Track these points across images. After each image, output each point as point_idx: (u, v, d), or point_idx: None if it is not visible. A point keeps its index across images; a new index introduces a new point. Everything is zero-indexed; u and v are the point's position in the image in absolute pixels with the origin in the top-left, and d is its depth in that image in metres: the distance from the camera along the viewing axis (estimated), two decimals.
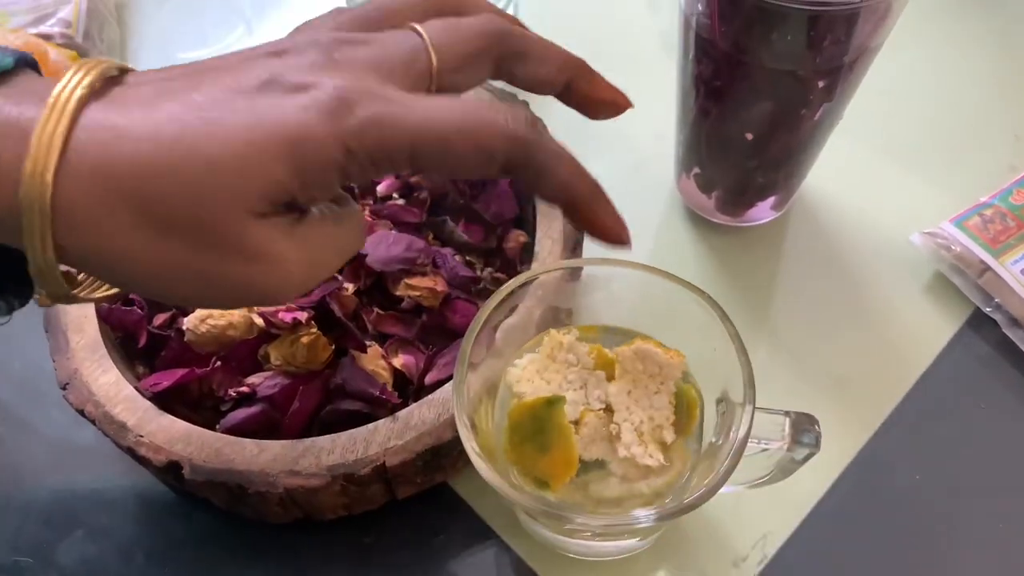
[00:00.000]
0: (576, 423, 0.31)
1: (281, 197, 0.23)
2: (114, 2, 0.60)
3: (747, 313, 0.45)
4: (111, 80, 0.24)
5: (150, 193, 0.22)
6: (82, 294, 0.26)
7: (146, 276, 0.23)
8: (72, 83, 0.22)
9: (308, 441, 0.35)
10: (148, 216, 0.22)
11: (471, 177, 0.25)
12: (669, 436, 0.31)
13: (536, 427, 0.31)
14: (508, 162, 0.25)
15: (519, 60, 0.27)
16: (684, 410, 0.32)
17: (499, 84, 0.29)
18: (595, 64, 0.30)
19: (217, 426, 0.37)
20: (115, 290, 0.28)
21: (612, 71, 0.30)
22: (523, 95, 0.32)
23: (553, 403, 0.31)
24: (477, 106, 0.24)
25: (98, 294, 0.27)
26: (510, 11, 0.52)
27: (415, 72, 0.25)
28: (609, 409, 0.32)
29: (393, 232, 0.41)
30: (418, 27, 0.26)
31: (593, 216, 0.27)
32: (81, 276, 0.27)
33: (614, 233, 0.27)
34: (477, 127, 0.24)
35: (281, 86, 0.23)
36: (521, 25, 0.29)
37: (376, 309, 0.40)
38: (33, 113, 0.22)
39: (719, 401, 0.32)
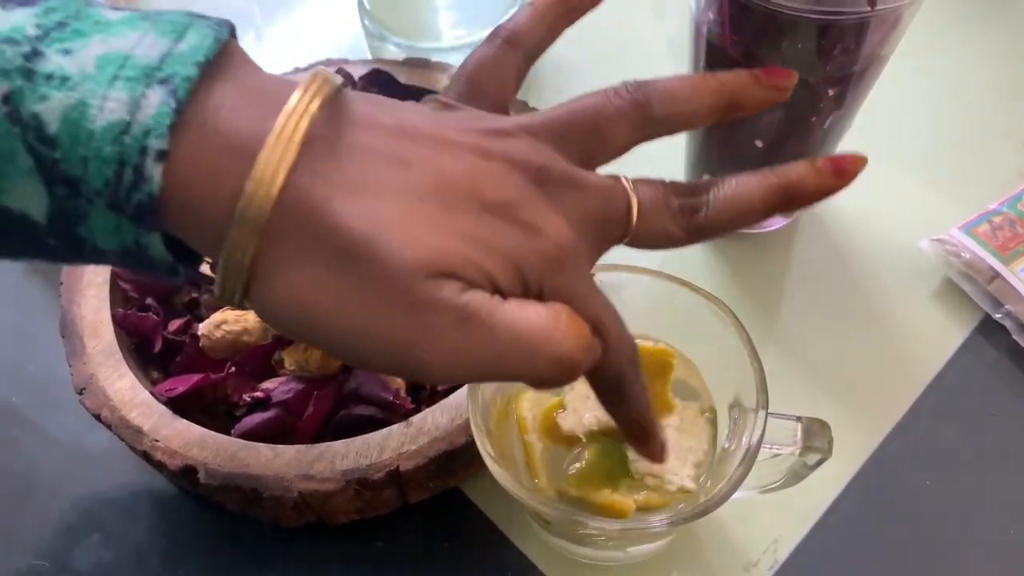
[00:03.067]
0: None
1: (473, 278, 0.23)
2: (125, 7, 0.60)
3: (757, 319, 0.45)
4: (333, 109, 0.23)
5: (346, 252, 0.22)
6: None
7: (320, 324, 0.23)
8: (301, 106, 0.22)
9: (322, 446, 0.35)
10: (338, 269, 0.22)
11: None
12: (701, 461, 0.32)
13: (612, 468, 0.32)
14: (607, 382, 0.26)
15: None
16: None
17: None
18: (603, 71, 0.30)
19: (232, 431, 0.37)
20: None
21: (620, 78, 0.30)
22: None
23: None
24: (628, 334, 0.26)
25: None
26: None
27: (611, 237, 0.26)
28: None
29: None
30: (629, 187, 0.26)
31: (639, 446, 0.29)
32: None
33: (639, 450, 0.29)
34: (616, 348, 0.25)
35: (515, 219, 0.24)
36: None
37: None
38: (255, 125, 0.22)
39: (731, 407, 0.32)
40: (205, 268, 0.41)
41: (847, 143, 0.42)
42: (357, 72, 0.48)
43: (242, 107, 0.22)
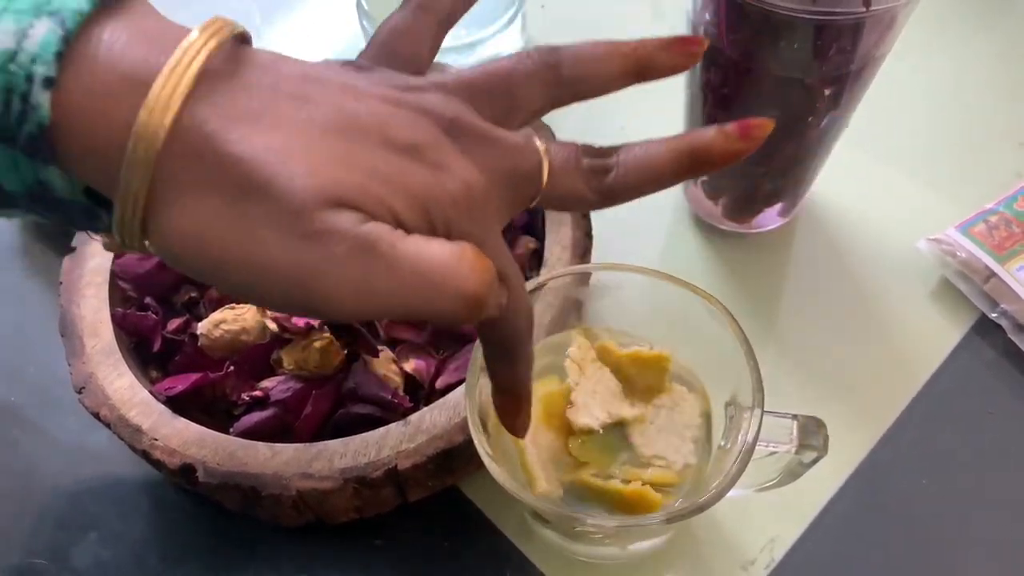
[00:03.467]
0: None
1: (373, 211, 0.22)
2: None
3: (754, 319, 0.45)
4: (235, 52, 0.23)
5: (243, 181, 0.21)
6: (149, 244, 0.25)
7: (207, 250, 0.22)
8: (200, 43, 0.22)
9: (321, 444, 0.35)
10: (235, 199, 0.21)
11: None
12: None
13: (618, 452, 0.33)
14: (501, 343, 0.27)
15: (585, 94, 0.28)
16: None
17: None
18: None
19: (230, 430, 0.37)
20: None
21: None
22: None
23: None
24: (527, 297, 0.26)
25: None
26: (516, 22, 0.53)
27: (522, 195, 0.26)
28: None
29: None
30: (541, 147, 0.26)
31: (498, 402, 0.30)
32: None
33: (505, 422, 0.30)
34: (518, 308, 0.26)
35: (423, 160, 0.23)
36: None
37: None
38: (152, 58, 0.21)
39: (728, 405, 0.33)
40: None
41: (844, 143, 0.43)
42: None
43: (138, 43, 0.22)
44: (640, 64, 0.28)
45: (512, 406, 0.30)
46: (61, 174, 0.22)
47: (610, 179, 0.27)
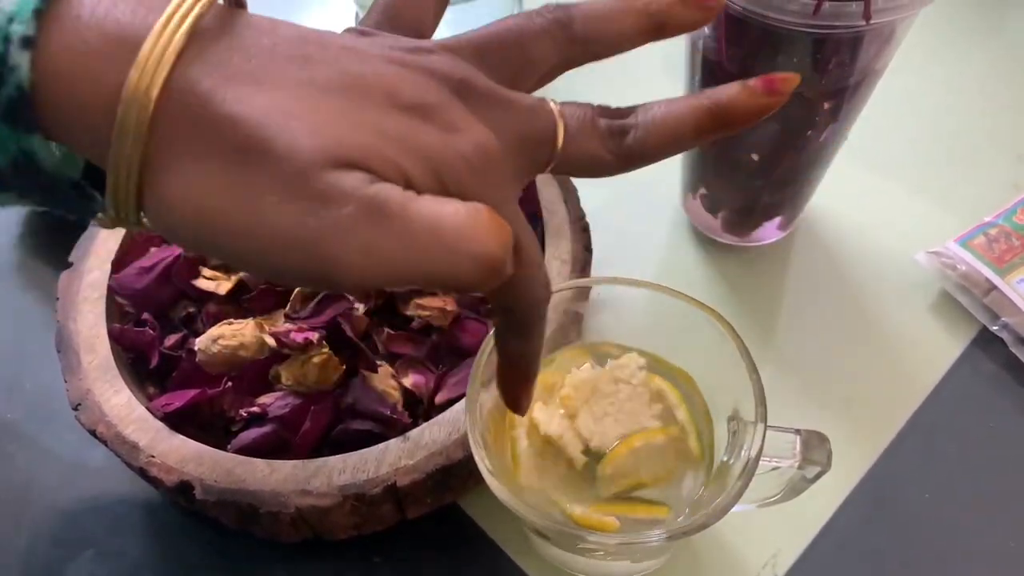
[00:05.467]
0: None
1: (382, 172, 0.21)
2: None
3: (753, 332, 0.45)
4: (226, 11, 0.22)
5: (242, 143, 0.20)
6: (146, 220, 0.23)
7: (210, 217, 0.21)
8: (187, 5, 0.20)
9: (319, 461, 0.35)
10: (234, 163, 0.20)
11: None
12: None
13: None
14: (518, 313, 0.26)
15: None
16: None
17: None
18: (597, 85, 0.30)
19: (228, 446, 0.37)
20: None
21: (614, 91, 0.30)
22: None
23: None
24: (544, 267, 0.25)
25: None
26: None
27: (537, 159, 0.25)
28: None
29: None
30: (556, 108, 0.25)
31: (505, 376, 0.29)
32: None
33: (507, 397, 0.30)
34: (535, 277, 0.25)
35: (434, 120, 0.22)
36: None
37: (387, 329, 0.40)
38: (139, 16, 0.20)
39: (730, 419, 0.32)
40: (202, 283, 0.41)
41: (843, 156, 0.43)
42: None
43: (125, 2, 0.20)
44: (655, 20, 0.26)
45: (518, 380, 0.29)
46: (45, 144, 0.21)
47: (629, 140, 0.25)
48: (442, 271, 0.21)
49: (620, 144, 0.25)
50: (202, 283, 0.41)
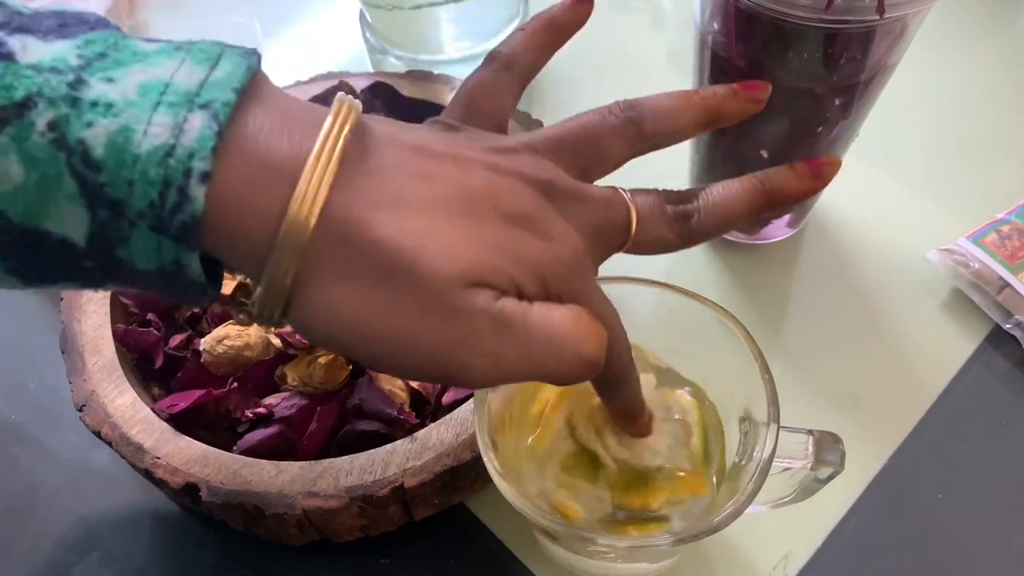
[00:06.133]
0: None
1: (503, 286, 0.24)
2: (128, 26, 0.61)
3: (762, 331, 0.45)
4: (363, 132, 0.24)
5: (385, 266, 0.23)
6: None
7: (355, 332, 0.23)
8: (336, 128, 0.23)
9: (326, 462, 0.35)
10: (377, 283, 0.23)
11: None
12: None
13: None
14: (612, 376, 0.28)
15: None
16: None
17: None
18: (604, 84, 0.30)
19: (234, 447, 0.37)
20: None
21: (621, 89, 0.30)
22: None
23: None
24: (625, 332, 0.28)
25: None
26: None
27: (613, 245, 0.28)
28: None
29: None
30: (628, 198, 0.28)
31: (619, 420, 0.31)
32: None
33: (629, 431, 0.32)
34: (621, 346, 0.27)
35: (534, 229, 0.25)
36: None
37: None
38: (294, 148, 0.22)
39: (741, 420, 0.32)
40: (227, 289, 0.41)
41: (853, 154, 0.42)
42: (359, 85, 0.48)
43: (279, 130, 0.23)
44: (712, 114, 0.30)
45: (632, 420, 0.31)
46: (196, 256, 0.22)
47: (693, 223, 0.28)
48: (552, 370, 0.24)
49: (684, 227, 0.29)
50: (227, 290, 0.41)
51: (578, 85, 0.55)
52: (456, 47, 0.53)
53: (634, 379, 0.29)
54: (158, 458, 0.35)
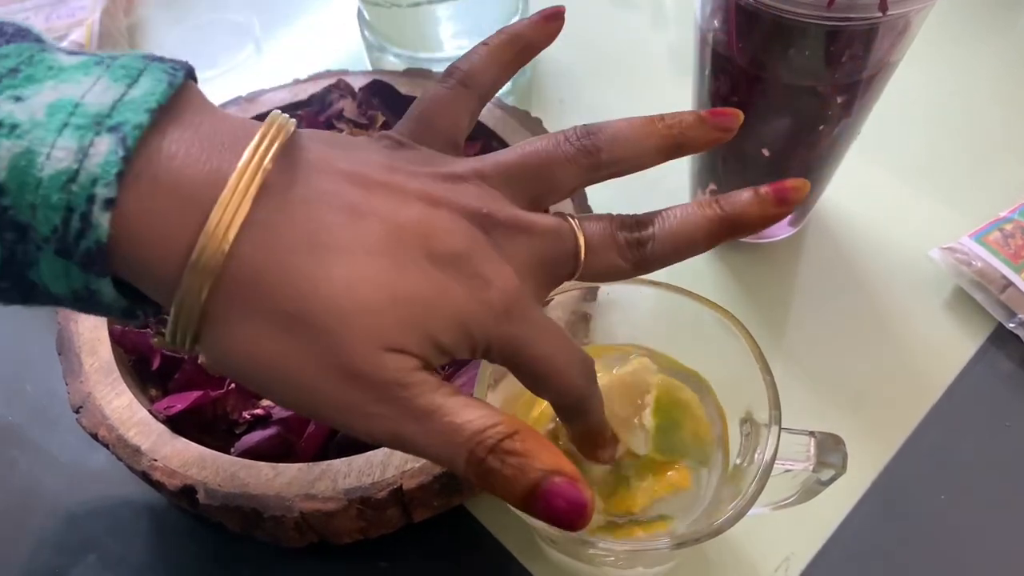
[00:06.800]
0: None
1: (431, 357, 0.24)
2: (126, 24, 0.60)
3: (764, 330, 0.44)
4: (287, 156, 0.23)
5: (301, 328, 0.22)
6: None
7: (268, 379, 0.23)
8: (256, 160, 0.22)
9: (324, 464, 0.34)
10: (285, 329, 0.22)
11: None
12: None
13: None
14: (567, 406, 0.27)
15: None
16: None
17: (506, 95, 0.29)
18: (603, 81, 0.29)
19: (232, 449, 0.36)
20: None
21: (621, 88, 0.30)
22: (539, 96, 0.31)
23: None
24: (580, 354, 0.26)
25: None
26: None
27: (560, 275, 0.27)
28: None
29: None
30: (576, 226, 0.27)
31: (581, 445, 0.30)
32: None
33: (591, 457, 0.31)
34: (572, 375, 0.26)
35: (462, 271, 0.24)
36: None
37: None
38: (208, 176, 0.22)
39: (743, 421, 0.32)
40: None
41: (854, 152, 0.42)
42: (357, 83, 0.48)
43: (195, 156, 0.22)
44: (675, 141, 0.28)
45: (594, 446, 0.30)
46: (109, 282, 0.22)
47: (647, 251, 0.27)
48: (446, 464, 0.24)
49: (637, 254, 0.27)
50: None
51: (578, 82, 0.55)
52: (455, 45, 0.53)
53: (596, 405, 0.28)
54: (155, 460, 0.35)
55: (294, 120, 0.24)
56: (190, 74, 0.24)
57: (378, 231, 0.23)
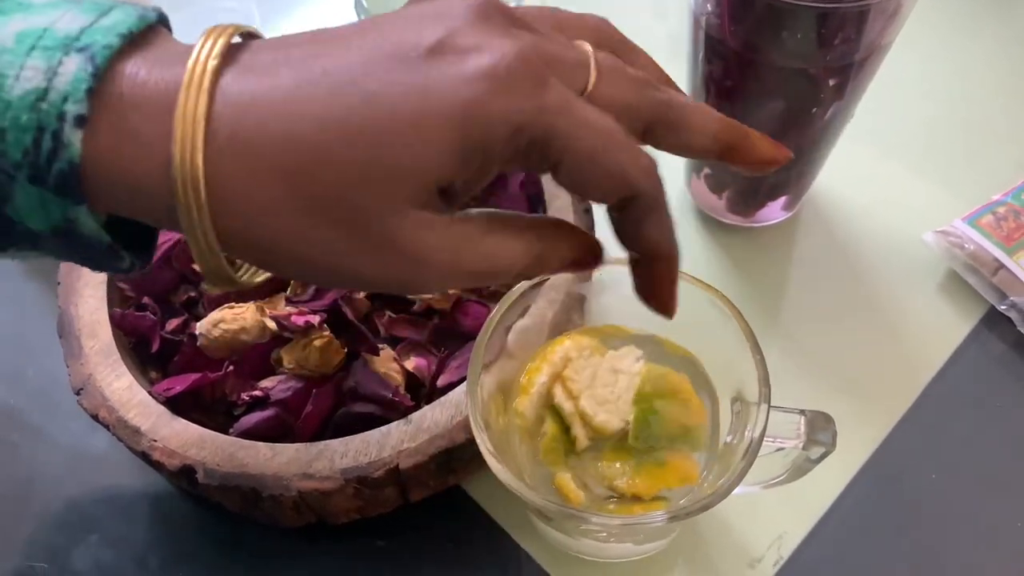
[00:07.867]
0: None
1: (444, 182, 0.22)
2: None
3: (759, 313, 0.45)
4: (240, 46, 0.23)
5: (303, 171, 0.21)
6: (244, 277, 0.25)
7: (293, 259, 0.22)
8: (204, 53, 0.21)
9: (321, 444, 0.35)
10: (299, 195, 0.21)
11: (588, 197, 0.24)
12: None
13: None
14: (631, 202, 0.24)
15: (672, 130, 0.25)
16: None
17: None
18: None
19: (230, 430, 0.37)
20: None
21: None
22: None
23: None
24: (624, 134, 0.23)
25: (259, 278, 0.26)
26: None
27: (573, 82, 0.23)
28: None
29: None
30: (589, 46, 0.24)
31: (650, 279, 0.27)
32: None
33: (659, 302, 0.27)
34: (622, 154, 0.23)
35: (451, 49, 0.21)
36: (675, 87, 0.27)
37: (388, 312, 0.40)
38: (171, 86, 0.21)
39: (734, 400, 0.32)
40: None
41: (848, 136, 0.42)
42: None
43: (158, 71, 0.21)
44: (732, 142, 0.26)
45: (665, 279, 0.26)
46: (88, 212, 0.22)
47: (659, 96, 0.24)
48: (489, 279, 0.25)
49: (653, 95, 0.24)
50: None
51: None
52: None
53: (668, 209, 0.24)
54: (155, 441, 0.36)
55: (246, 25, 0.23)
56: (162, 20, 0.23)
57: (356, 57, 0.22)
